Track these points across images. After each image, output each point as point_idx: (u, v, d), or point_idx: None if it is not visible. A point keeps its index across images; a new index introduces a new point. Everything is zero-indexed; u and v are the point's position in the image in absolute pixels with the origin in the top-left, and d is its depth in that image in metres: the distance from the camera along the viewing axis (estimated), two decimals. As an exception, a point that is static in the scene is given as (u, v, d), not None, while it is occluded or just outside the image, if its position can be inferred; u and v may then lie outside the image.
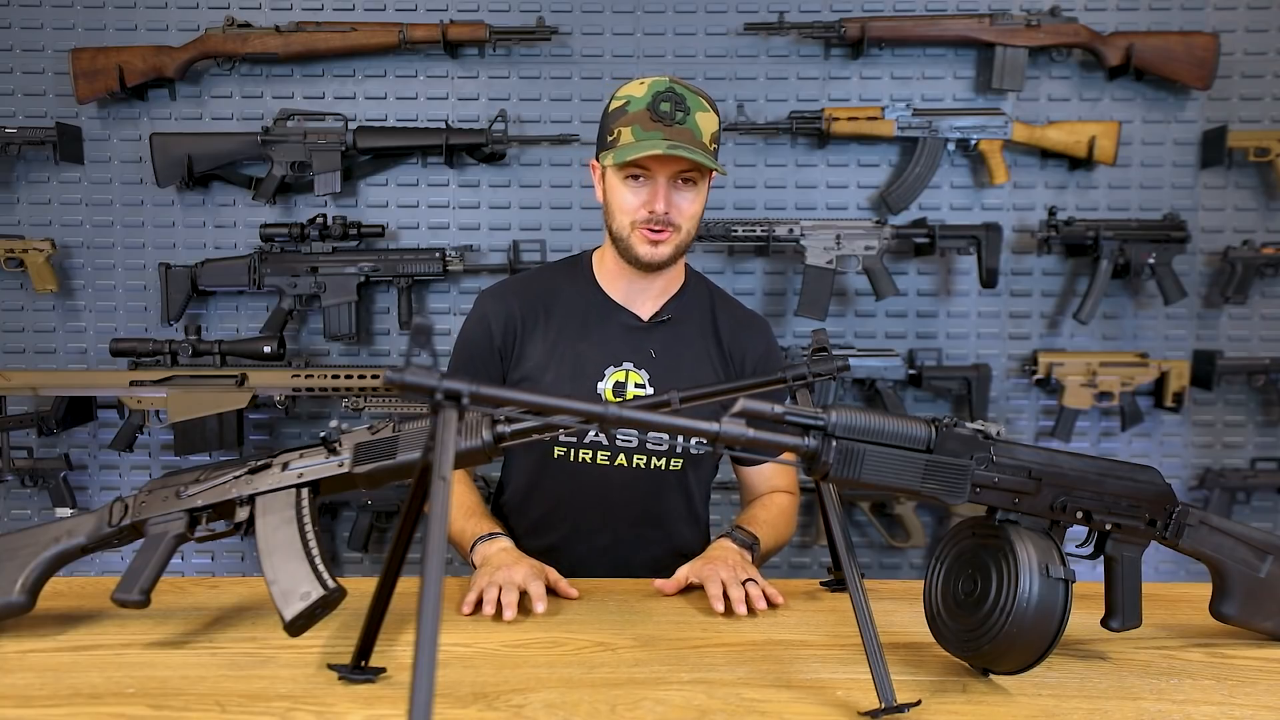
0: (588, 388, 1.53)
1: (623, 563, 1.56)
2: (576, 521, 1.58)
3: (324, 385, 2.36)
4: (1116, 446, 2.63)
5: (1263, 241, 2.55)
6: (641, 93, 1.44)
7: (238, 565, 2.64)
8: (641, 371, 1.55)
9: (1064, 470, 1.04)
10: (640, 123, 1.42)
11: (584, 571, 1.48)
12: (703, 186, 1.49)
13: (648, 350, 1.56)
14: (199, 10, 2.51)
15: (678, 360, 1.57)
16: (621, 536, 1.58)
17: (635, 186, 1.46)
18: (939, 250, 2.48)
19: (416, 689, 0.66)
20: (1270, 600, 1.15)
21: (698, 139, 1.43)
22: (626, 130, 1.43)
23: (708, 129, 1.45)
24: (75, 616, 1.21)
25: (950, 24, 2.47)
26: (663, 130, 1.41)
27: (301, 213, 2.55)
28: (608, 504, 1.56)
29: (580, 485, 1.56)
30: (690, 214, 1.49)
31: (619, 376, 1.54)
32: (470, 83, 2.54)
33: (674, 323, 1.59)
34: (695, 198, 1.48)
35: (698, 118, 1.44)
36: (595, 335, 1.56)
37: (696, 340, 1.60)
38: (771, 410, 0.87)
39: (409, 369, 0.77)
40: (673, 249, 1.49)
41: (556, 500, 1.58)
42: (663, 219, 1.45)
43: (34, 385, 2.36)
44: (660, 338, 1.58)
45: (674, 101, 1.42)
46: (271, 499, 1.13)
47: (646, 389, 1.54)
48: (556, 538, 1.58)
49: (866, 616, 0.99)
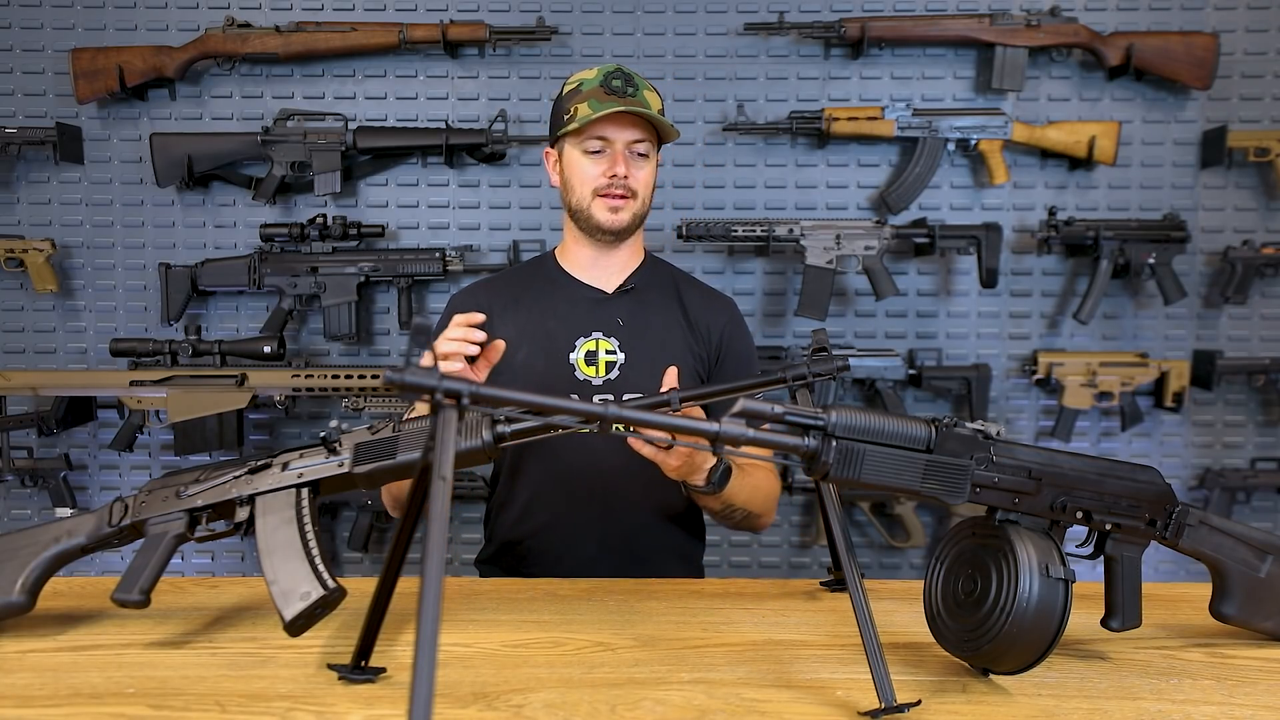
0: (560, 359, 1.60)
1: (612, 536, 1.59)
2: (569, 493, 1.60)
3: (324, 385, 2.36)
4: (1116, 446, 2.63)
5: (1263, 241, 2.55)
6: (592, 75, 1.56)
7: (238, 565, 2.64)
8: (611, 339, 1.61)
9: (1064, 470, 1.04)
10: (595, 97, 1.53)
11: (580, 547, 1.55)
12: (654, 159, 1.61)
13: (614, 319, 1.63)
14: (199, 10, 2.51)
15: (644, 326, 1.63)
16: (612, 507, 1.59)
17: (594, 158, 1.57)
18: (939, 250, 2.48)
19: (416, 689, 0.66)
20: (1270, 600, 1.15)
21: (649, 110, 1.54)
22: (583, 105, 1.53)
23: (655, 105, 1.57)
24: (75, 616, 1.21)
25: (950, 24, 2.47)
26: (618, 101, 1.52)
27: (301, 213, 2.55)
28: (598, 473, 1.58)
29: (571, 453, 1.58)
30: (645, 182, 1.59)
31: (589, 346, 1.61)
32: (470, 83, 2.54)
33: (638, 292, 1.66)
34: (648, 168, 1.60)
35: (645, 94, 1.56)
36: (562, 311, 1.63)
37: (662, 308, 1.66)
38: (771, 410, 0.87)
39: (409, 369, 0.77)
40: (631, 216, 1.59)
41: (549, 473, 1.61)
42: (622, 183, 1.56)
43: (34, 385, 2.36)
44: (626, 306, 1.64)
45: (624, 78, 1.55)
46: (271, 499, 1.13)
47: (617, 354, 1.61)
48: (549, 514, 1.61)
49: (866, 616, 0.99)
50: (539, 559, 1.61)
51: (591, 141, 1.55)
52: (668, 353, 1.61)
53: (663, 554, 1.63)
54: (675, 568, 1.61)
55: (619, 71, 1.55)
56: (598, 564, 1.56)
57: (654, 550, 1.62)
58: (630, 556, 1.59)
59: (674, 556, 1.65)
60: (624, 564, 1.56)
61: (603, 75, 1.54)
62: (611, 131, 1.54)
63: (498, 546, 1.68)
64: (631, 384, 1.58)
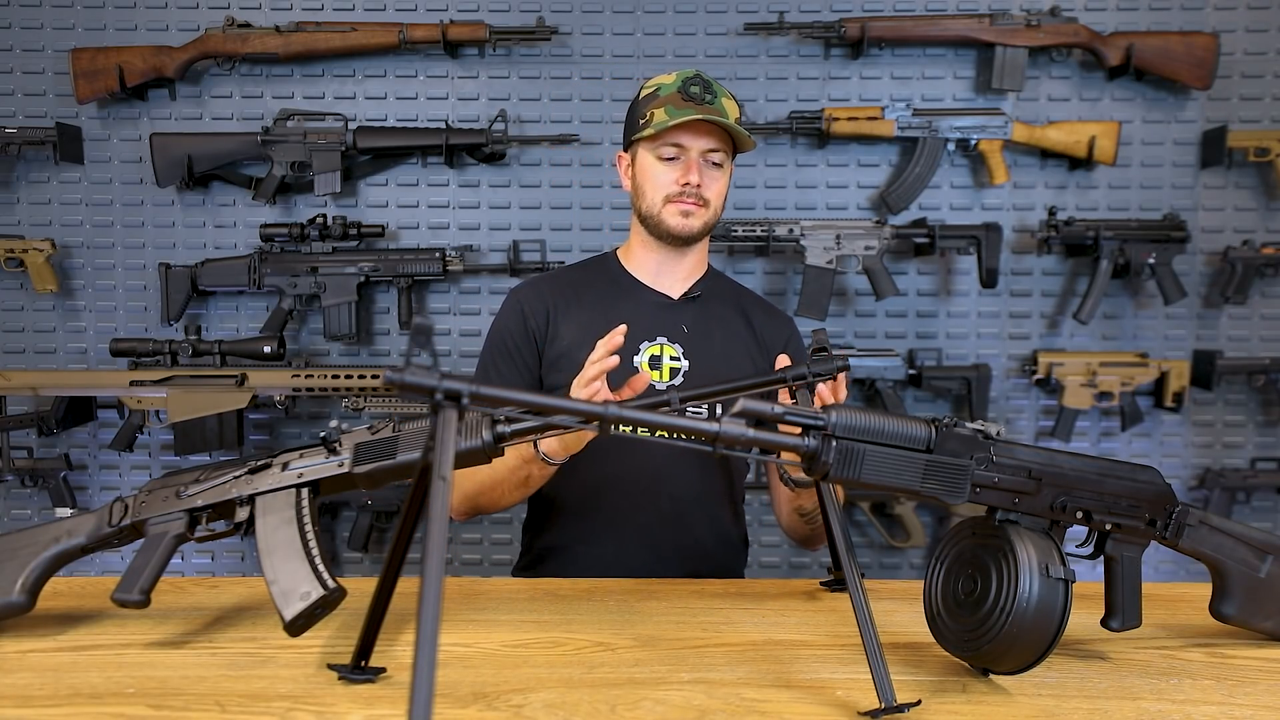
0: (624, 361, 1.54)
1: (664, 545, 1.57)
2: (619, 499, 1.57)
3: (324, 385, 2.36)
4: (1116, 446, 2.63)
5: (1263, 241, 2.55)
6: (671, 80, 1.55)
7: (238, 565, 2.64)
8: (675, 345, 1.60)
9: (1064, 470, 1.04)
10: (673, 103, 1.52)
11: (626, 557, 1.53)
12: (728, 169, 1.59)
13: (680, 325, 1.61)
14: (199, 10, 2.51)
15: (709, 336, 1.62)
16: (664, 513, 1.57)
17: (668, 164, 1.55)
18: (939, 250, 2.48)
19: (416, 689, 0.66)
20: (1270, 600, 1.15)
21: (726, 118, 1.52)
22: (660, 111, 1.52)
23: (733, 113, 1.55)
24: (75, 616, 1.21)
25: (950, 24, 2.47)
26: (695, 108, 1.50)
27: (301, 213, 2.55)
28: (650, 479, 1.56)
29: (622, 459, 1.56)
30: (718, 192, 1.58)
31: (654, 350, 1.60)
32: (470, 83, 2.54)
33: (704, 300, 1.65)
34: (722, 178, 1.58)
35: (724, 102, 1.54)
36: (627, 313, 1.58)
37: (727, 318, 1.66)
38: (771, 410, 0.87)
39: (409, 369, 0.77)
40: (702, 224, 1.57)
41: (600, 477, 1.58)
42: (695, 191, 1.54)
43: (34, 385, 2.36)
44: (691, 314, 1.63)
45: (703, 85, 1.53)
46: (271, 499, 1.13)
47: (681, 362, 1.59)
48: (599, 520, 1.58)
49: (866, 616, 0.99)
50: (590, 565, 1.56)
51: (666, 148, 1.54)
52: (731, 364, 1.60)
53: (709, 562, 1.60)
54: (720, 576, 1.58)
55: (698, 78, 1.53)
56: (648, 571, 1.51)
57: (702, 558, 1.59)
58: (679, 565, 1.55)
59: (719, 566, 1.61)
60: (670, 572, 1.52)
61: (681, 81, 1.53)
62: (687, 139, 1.53)
63: (538, 554, 1.65)
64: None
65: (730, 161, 1.59)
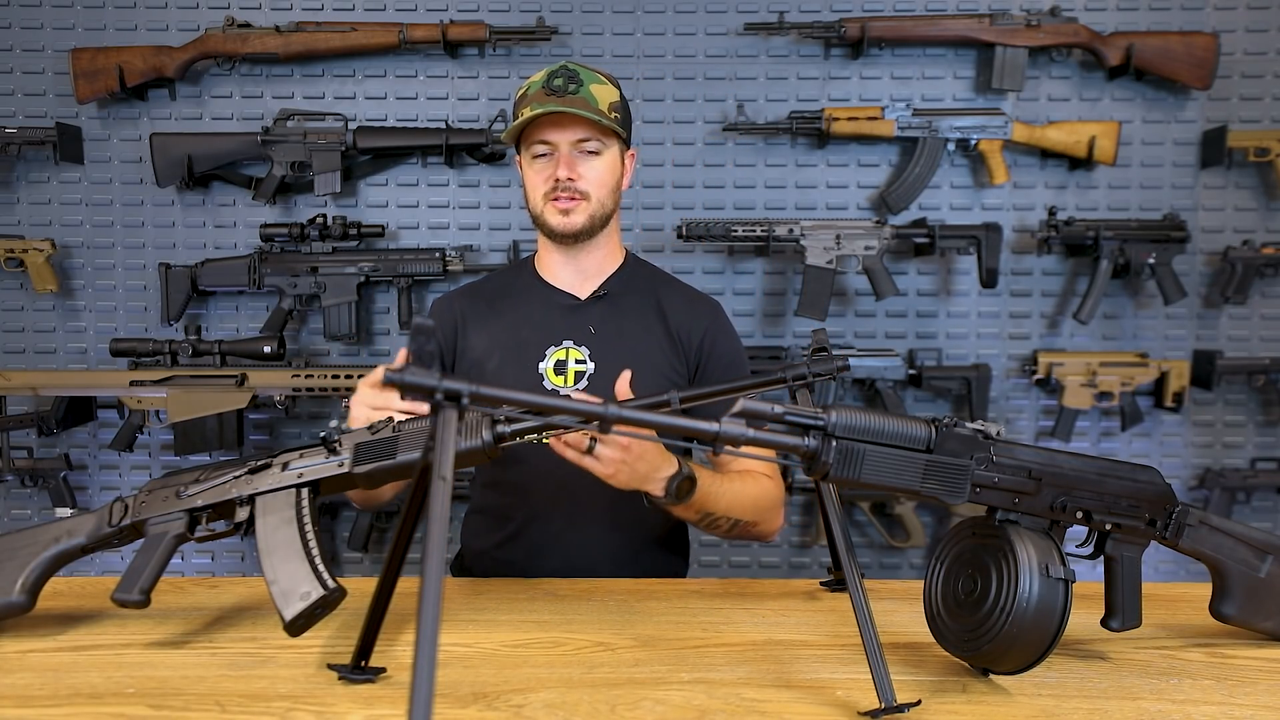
0: (529, 368, 1.56)
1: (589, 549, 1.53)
2: (535, 507, 1.55)
3: (324, 385, 2.36)
4: (1116, 446, 2.63)
5: (1263, 241, 2.54)
6: (539, 77, 1.52)
7: (238, 565, 2.64)
8: (581, 348, 1.57)
9: (1064, 470, 1.04)
10: (536, 99, 1.49)
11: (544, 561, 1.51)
12: (609, 156, 1.54)
13: (586, 327, 1.59)
14: (199, 10, 2.51)
15: (617, 335, 1.58)
16: (575, 518, 1.53)
17: (542, 164, 1.53)
18: (939, 250, 2.48)
19: (416, 689, 0.66)
20: (1270, 600, 1.15)
21: (593, 106, 1.49)
22: (525, 109, 1.50)
23: (605, 99, 1.51)
24: (75, 616, 1.21)
25: (950, 24, 2.47)
26: (555, 101, 1.47)
27: (301, 213, 2.55)
28: (569, 485, 1.47)
29: (538, 468, 1.52)
30: (597, 181, 1.53)
31: (559, 355, 1.57)
32: (470, 83, 2.54)
33: (612, 298, 1.62)
34: (600, 164, 1.53)
35: (593, 89, 1.51)
36: (535, 318, 1.60)
37: (638, 315, 1.61)
38: (771, 410, 0.87)
39: (409, 369, 0.77)
40: (585, 217, 1.54)
41: (516, 487, 1.57)
42: (567, 185, 1.51)
43: (34, 385, 2.36)
44: (599, 314, 1.60)
45: (566, 76, 1.50)
46: (271, 499, 1.13)
47: (587, 364, 1.56)
48: (513, 527, 1.57)
49: (866, 616, 0.99)
50: (505, 571, 1.51)
51: (536, 146, 1.52)
52: (641, 361, 1.50)
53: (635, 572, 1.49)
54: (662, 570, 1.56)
55: (563, 69, 1.50)
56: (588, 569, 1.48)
57: (624, 567, 1.51)
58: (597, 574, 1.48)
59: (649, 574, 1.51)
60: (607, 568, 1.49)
61: (546, 75, 1.50)
62: (553, 134, 1.50)
63: (464, 555, 1.67)
64: (601, 394, 1.41)
65: (616, 145, 1.54)
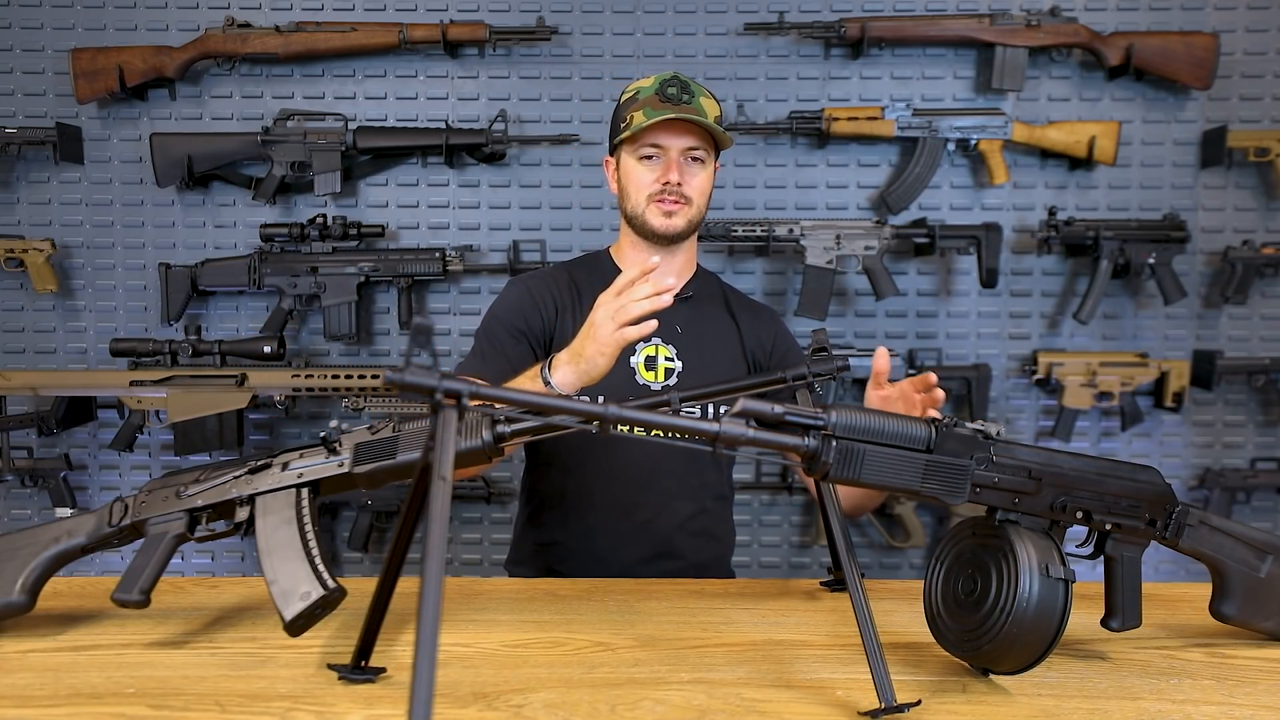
0: (622, 361, 1.57)
1: (658, 538, 1.60)
2: (613, 497, 1.60)
3: (324, 385, 2.36)
4: (1116, 446, 2.63)
5: (1263, 241, 2.54)
6: (649, 83, 1.58)
7: (238, 565, 2.64)
8: (669, 346, 1.63)
9: (1064, 470, 1.04)
10: (650, 105, 1.55)
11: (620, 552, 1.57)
12: (710, 166, 1.62)
13: (674, 326, 1.63)
14: (199, 10, 2.51)
15: (701, 336, 1.65)
16: (660, 509, 1.60)
17: (649, 165, 1.58)
18: (939, 250, 2.48)
19: (416, 689, 0.66)
20: (1270, 600, 1.15)
21: (704, 116, 1.56)
22: (638, 113, 1.55)
23: (712, 112, 1.58)
24: (75, 616, 1.21)
25: (950, 24, 2.47)
26: (672, 108, 1.54)
27: (301, 213, 2.55)
28: (645, 475, 1.59)
29: (617, 457, 1.59)
30: (699, 189, 1.60)
31: (649, 351, 1.63)
32: (470, 83, 2.54)
33: (695, 301, 1.68)
34: (704, 174, 1.60)
35: (702, 101, 1.57)
36: None
37: (717, 318, 1.69)
38: (771, 410, 0.87)
39: (409, 369, 0.77)
40: (686, 221, 1.60)
41: (593, 477, 1.61)
42: (675, 190, 1.57)
43: (34, 385, 2.36)
44: (684, 314, 1.65)
45: (679, 86, 1.57)
46: (271, 499, 1.13)
47: (675, 363, 1.62)
48: (593, 518, 1.61)
49: (866, 616, 0.99)
50: (581, 559, 1.60)
51: (646, 149, 1.57)
52: (721, 364, 1.63)
53: (697, 554, 1.64)
54: (708, 569, 1.62)
55: (675, 79, 1.57)
56: (639, 567, 1.57)
57: (688, 549, 1.63)
58: (667, 555, 1.60)
59: (709, 557, 1.66)
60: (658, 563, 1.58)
61: (659, 83, 1.56)
62: (665, 139, 1.56)
63: (533, 547, 1.67)
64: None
65: (713, 158, 1.62)
